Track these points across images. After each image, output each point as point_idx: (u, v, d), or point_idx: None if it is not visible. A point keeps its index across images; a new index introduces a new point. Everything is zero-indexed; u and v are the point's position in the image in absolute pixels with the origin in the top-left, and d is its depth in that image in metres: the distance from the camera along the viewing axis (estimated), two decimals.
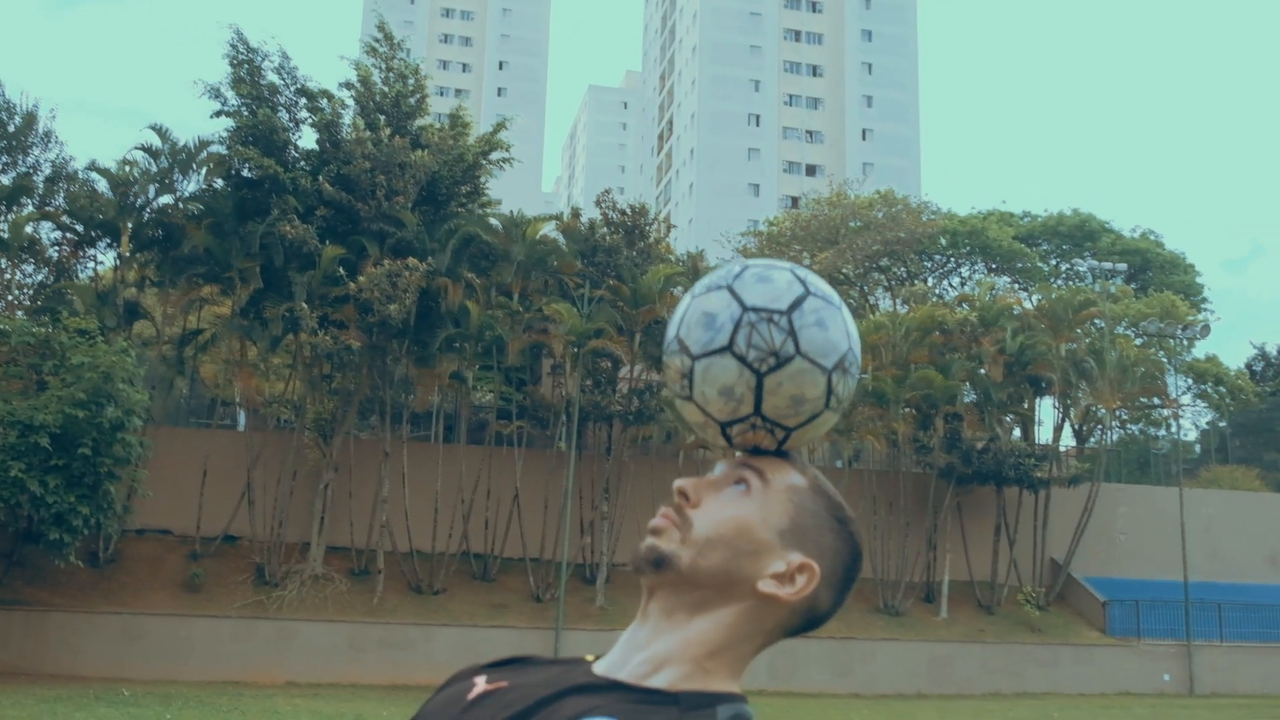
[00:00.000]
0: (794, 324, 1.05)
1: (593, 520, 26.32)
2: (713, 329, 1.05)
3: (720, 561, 1.04)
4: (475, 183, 26.10)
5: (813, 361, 1.05)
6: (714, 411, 1.07)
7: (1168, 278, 46.41)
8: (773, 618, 1.06)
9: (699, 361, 1.06)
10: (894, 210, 43.55)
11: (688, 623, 1.04)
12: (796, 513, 1.07)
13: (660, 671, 1.02)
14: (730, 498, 1.07)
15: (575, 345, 24.66)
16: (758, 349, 1.04)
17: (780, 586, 1.04)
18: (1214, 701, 24.58)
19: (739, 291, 1.06)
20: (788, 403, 1.06)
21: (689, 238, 59.93)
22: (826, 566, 1.07)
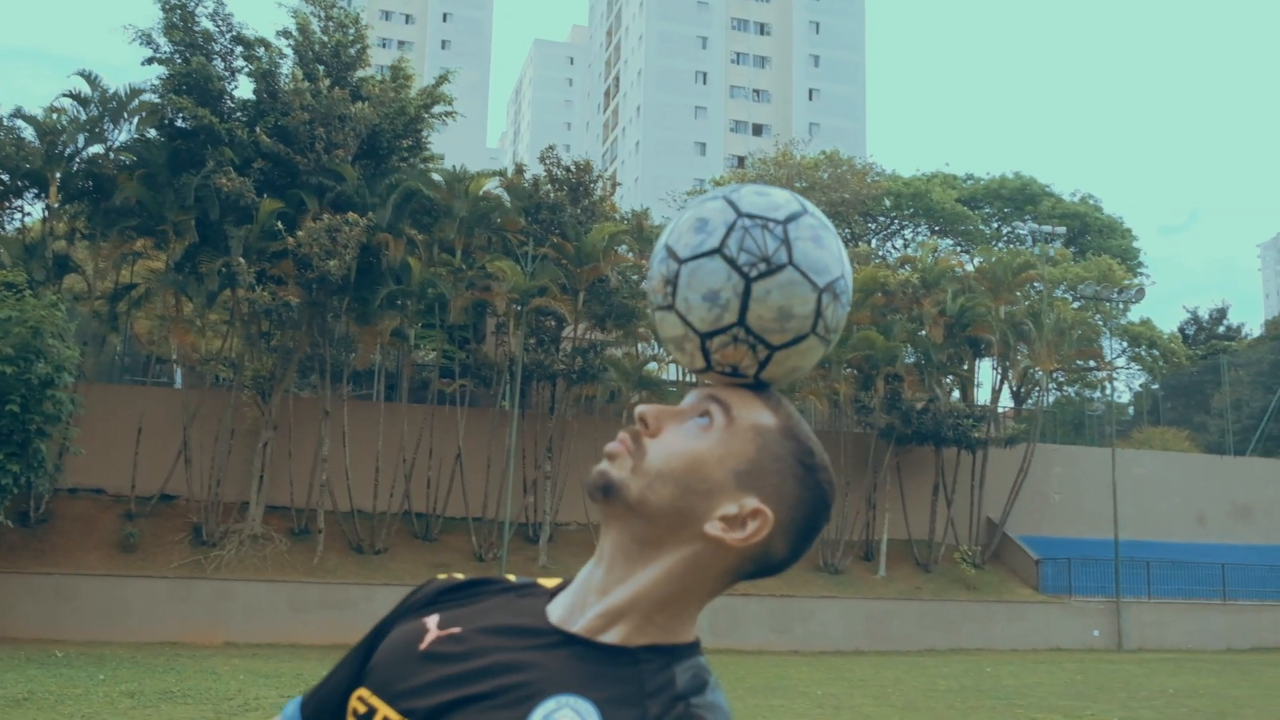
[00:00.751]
0: (789, 234, 1.00)
1: (536, 479, 26.27)
2: (704, 232, 1.00)
3: (669, 497, 0.99)
4: (417, 137, 25.65)
5: (804, 275, 1.00)
6: (695, 320, 1.01)
7: (1105, 242, 47.11)
8: (722, 563, 1.00)
9: (686, 265, 1.00)
10: (839, 171, 43.71)
11: (639, 568, 1.00)
12: (758, 454, 1.00)
13: (614, 626, 0.99)
14: (690, 430, 1.01)
15: (519, 303, 24.46)
16: (749, 253, 0.99)
17: (728, 530, 0.99)
18: (1141, 656, 25.27)
19: (735, 200, 1.01)
20: (774, 315, 0.99)
21: (635, 196, 59.60)
22: (785, 514, 1.00)
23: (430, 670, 0.99)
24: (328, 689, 1.11)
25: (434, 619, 1.05)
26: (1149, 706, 14.33)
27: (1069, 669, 20.67)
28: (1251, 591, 30.19)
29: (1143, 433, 39.15)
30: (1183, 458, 34.63)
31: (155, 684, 13.48)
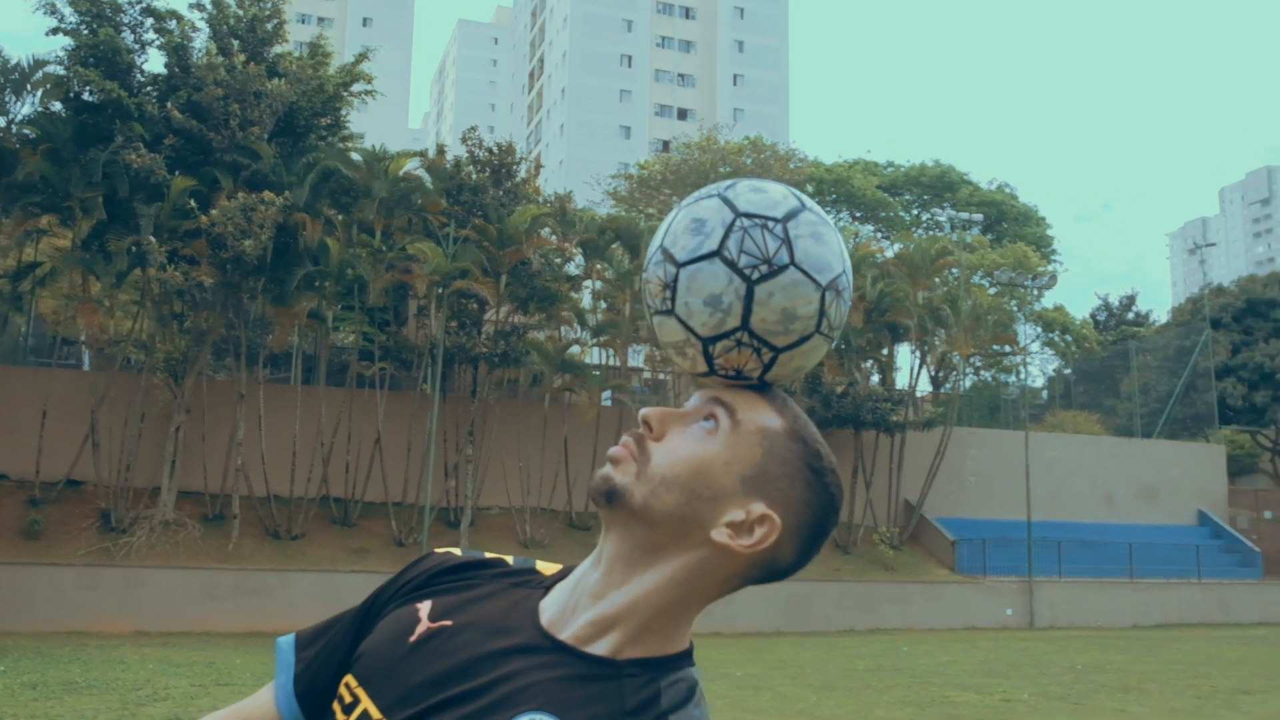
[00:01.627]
0: (789, 232, 0.96)
1: (457, 463, 26.03)
2: (701, 234, 0.96)
3: (674, 503, 0.95)
4: (336, 115, 25.15)
5: (807, 274, 0.96)
6: (697, 326, 0.97)
7: (1021, 229, 48.12)
8: (726, 569, 0.97)
9: (684, 269, 0.96)
10: (763, 157, 43.94)
11: (638, 574, 0.97)
12: (765, 458, 0.97)
13: (605, 636, 0.96)
14: (696, 435, 0.98)
15: (440, 285, 24.15)
16: (749, 255, 0.95)
17: (735, 537, 0.95)
18: (1051, 634, 25.93)
19: (731, 199, 0.97)
20: (778, 317, 0.96)
21: (560, 179, 59.29)
22: (792, 519, 0.97)
23: (416, 667, 0.97)
24: (319, 657, 1.09)
25: (426, 606, 1.03)
26: (1058, 683, 14.68)
27: (983, 647, 21.11)
28: (1157, 569, 31.16)
29: (1055, 416, 40.11)
30: (1093, 440, 35.55)
31: (59, 675, 13.07)
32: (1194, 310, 42.19)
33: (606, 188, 47.30)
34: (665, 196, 45.19)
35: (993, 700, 12.60)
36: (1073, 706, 12.23)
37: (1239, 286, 43.24)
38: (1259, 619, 30.91)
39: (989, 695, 13.04)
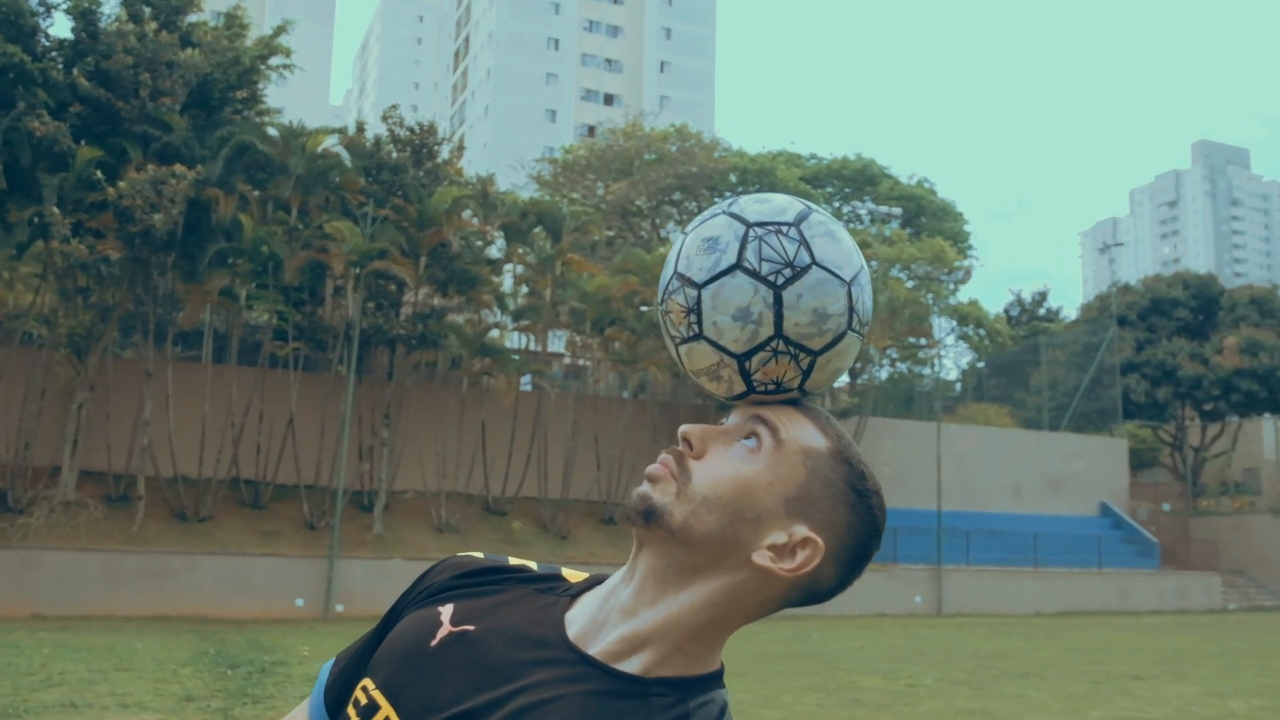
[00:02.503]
0: (804, 234, 0.95)
1: (372, 446, 25.69)
2: (717, 251, 0.94)
3: (716, 525, 0.93)
4: (253, 89, 24.52)
5: (830, 271, 0.95)
6: (729, 343, 0.94)
7: (939, 224, 48.84)
8: (765, 592, 0.95)
9: (706, 288, 0.94)
10: (688, 145, 44.00)
11: (673, 593, 0.94)
12: (809, 479, 0.95)
13: (636, 654, 0.94)
14: (738, 453, 0.95)
15: (357, 265, 23.77)
16: (770, 261, 0.93)
17: (777, 560, 0.93)
18: (958, 621, 26.51)
19: (738, 213, 0.96)
20: (810, 318, 0.94)
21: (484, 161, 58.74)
22: (835, 542, 0.95)
23: (438, 674, 0.95)
24: (348, 667, 1.08)
25: (448, 610, 1.01)
26: (961, 669, 15.00)
27: (891, 633, 21.49)
28: (1060, 559, 32.04)
29: (968, 408, 40.96)
30: (1002, 433, 36.37)
31: None
32: (1102, 308, 43.38)
33: (530, 171, 47.00)
34: (590, 182, 45.08)
35: (898, 685, 12.83)
36: (974, 691, 12.50)
37: (1145, 286, 44.54)
38: (1155, 607, 31.97)
39: (895, 680, 13.28)
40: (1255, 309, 41.08)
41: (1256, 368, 38.17)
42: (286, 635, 17.26)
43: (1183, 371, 39.21)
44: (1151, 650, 18.70)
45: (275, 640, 16.27)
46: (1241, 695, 12.62)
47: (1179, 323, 41.67)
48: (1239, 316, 40.88)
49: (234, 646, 15.13)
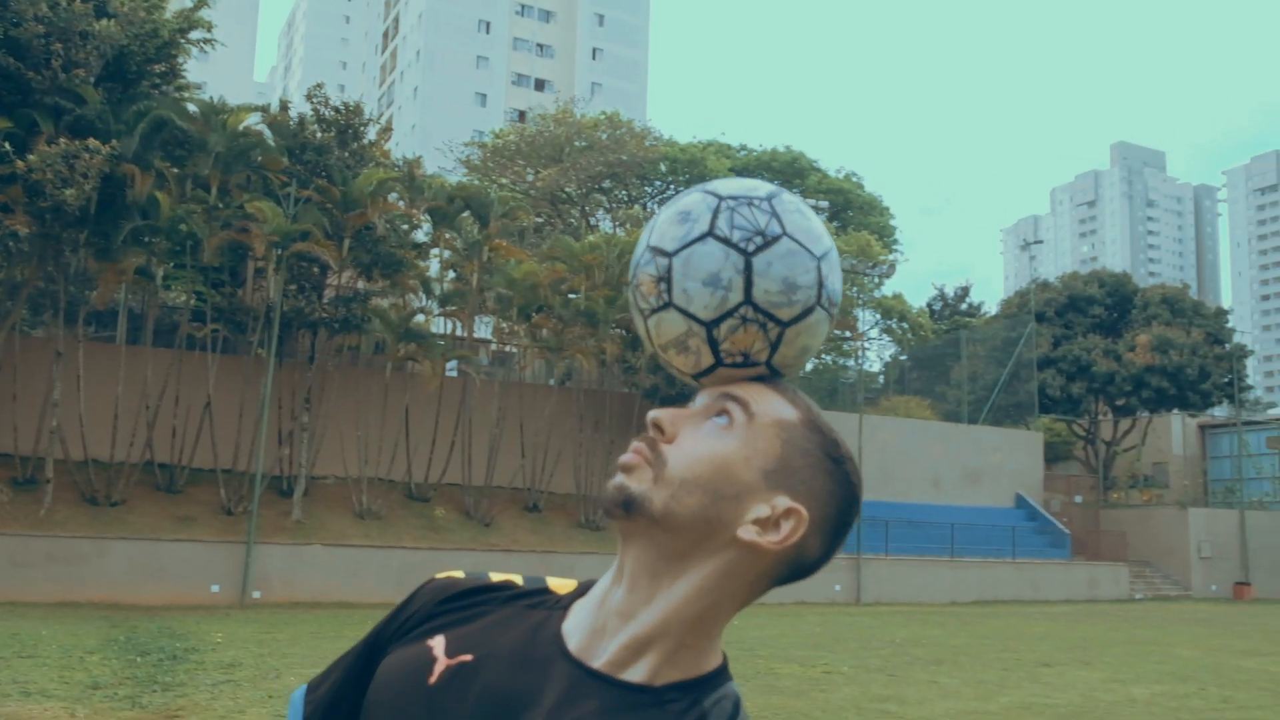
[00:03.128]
0: (775, 208, 0.95)
1: (292, 431, 25.28)
2: (689, 221, 0.95)
3: (698, 505, 0.92)
4: (172, 63, 23.87)
5: (801, 244, 0.95)
6: (699, 310, 0.93)
7: (865, 218, 49.50)
8: (755, 569, 0.94)
9: (677, 256, 0.94)
10: (618, 133, 43.94)
11: (666, 586, 0.93)
12: (785, 450, 0.95)
13: (640, 659, 0.92)
14: (710, 432, 0.95)
15: (279, 247, 23.31)
16: (742, 229, 0.93)
17: (763, 533, 0.92)
18: (876, 609, 26.93)
19: (712, 189, 0.97)
20: (780, 286, 0.94)
21: (412, 144, 58.08)
22: (817, 510, 0.94)
23: (442, 713, 0.93)
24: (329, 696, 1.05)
25: (439, 642, 0.98)
26: (877, 655, 15.24)
27: (810, 621, 21.76)
28: (976, 549, 32.72)
29: (890, 400, 41.56)
30: (923, 425, 36.98)
31: None
32: (1021, 304, 44.29)
33: (459, 155, 46.57)
34: (519, 167, 44.79)
35: (815, 672, 12.99)
36: (889, 678, 12.71)
37: (1062, 283, 45.57)
38: (1065, 596, 32.81)
39: (811, 667, 13.44)
40: (1167, 308, 42.27)
41: (1166, 365, 39.30)
42: (200, 622, 16.94)
43: (1097, 368, 40.21)
44: (1060, 638, 19.19)
45: (188, 627, 15.95)
46: (1143, 682, 13.01)
47: (1094, 320, 42.73)
48: (1151, 315, 42.03)
49: (145, 633, 14.80)
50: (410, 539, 24.73)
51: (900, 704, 10.65)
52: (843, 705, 10.40)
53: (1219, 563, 36.79)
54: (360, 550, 23.48)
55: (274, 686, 10.43)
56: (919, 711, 10.21)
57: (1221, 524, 37.39)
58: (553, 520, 27.89)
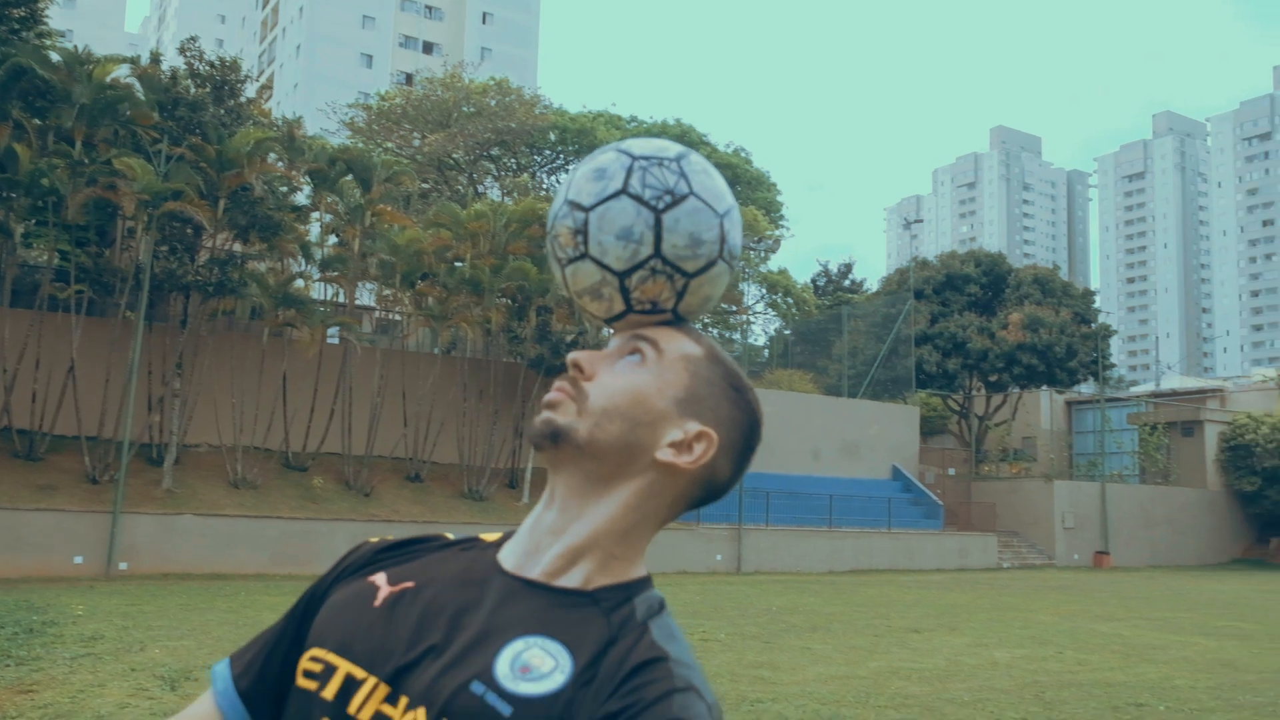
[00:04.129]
0: (684, 168, 1.06)
1: (162, 397, 24.42)
2: (605, 179, 1.05)
3: (618, 432, 1.03)
4: (32, 8, 22.63)
5: (706, 203, 1.06)
6: (612, 261, 1.05)
7: (753, 193, 49.92)
8: (674, 488, 1.06)
9: (594, 211, 1.05)
10: (507, 100, 43.37)
11: (594, 505, 1.04)
12: (692, 381, 1.06)
13: (574, 567, 1.02)
14: (625, 368, 1.06)
15: (149, 206, 22.41)
16: (653, 188, 1.04)
17: (679, 455, 1.04)
18: (755, 578, 27.39)
19: (626, 149, 1.07)
20: (686, 241, 1.05)
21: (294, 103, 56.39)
22: (725, 434, 1.07)
23: (390, 625, 1.01)
24: (260, 655, 1.10)
25: (381, 576, 1.07)
26: (754, 622, 15.50)
27: (691, 590, 22.01)
28: (853, 520, 33.53)
29: (774, 374, 42.19)
30: (804, 398, 37.65)
31: None
32: (901, 281, 45.31)
33: (343, 117, 45.39)
34: (405, 131, 43.90)
35: (693, 639, 13.12)
36: (764, 644, 12.93)
37: (940, 261, 46.76)
38: (937, 565, 33.89)
39: (690, 635, 13.55)
40: (1038, 288, 43.74)
41: (1037, 343, 40.73)
42: (61, 594, 16.29)
43: (971, 344, 41.44)
44: (930, 605, 19.80)
45: (47, 600, 15.33)
46: (1005, 646, 13.51)
47: (970, 298, 43.98)
48: (1023, 294, 43.44)
49: (0, 606, 14.16)
50: (287, 509, 24.19)
51: (773, 670, 10.85)
52: (718, 672, 10.53)
53: (1081, 533, 38.45)
54: (234, 520, 22.86)
55: (137, 660, 10.09)
56: (791, 677, 10.41)
57: (1084, 496, 39.05)
58: (435, 490, 27.60)
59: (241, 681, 1.09)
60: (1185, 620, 17.99)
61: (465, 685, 0.95)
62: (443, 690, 0.95)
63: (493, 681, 0.94)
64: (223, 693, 1.10)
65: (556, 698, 0.93)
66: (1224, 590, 26.72)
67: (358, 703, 0.98)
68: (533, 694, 0.93)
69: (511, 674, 0.95)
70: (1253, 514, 42.82)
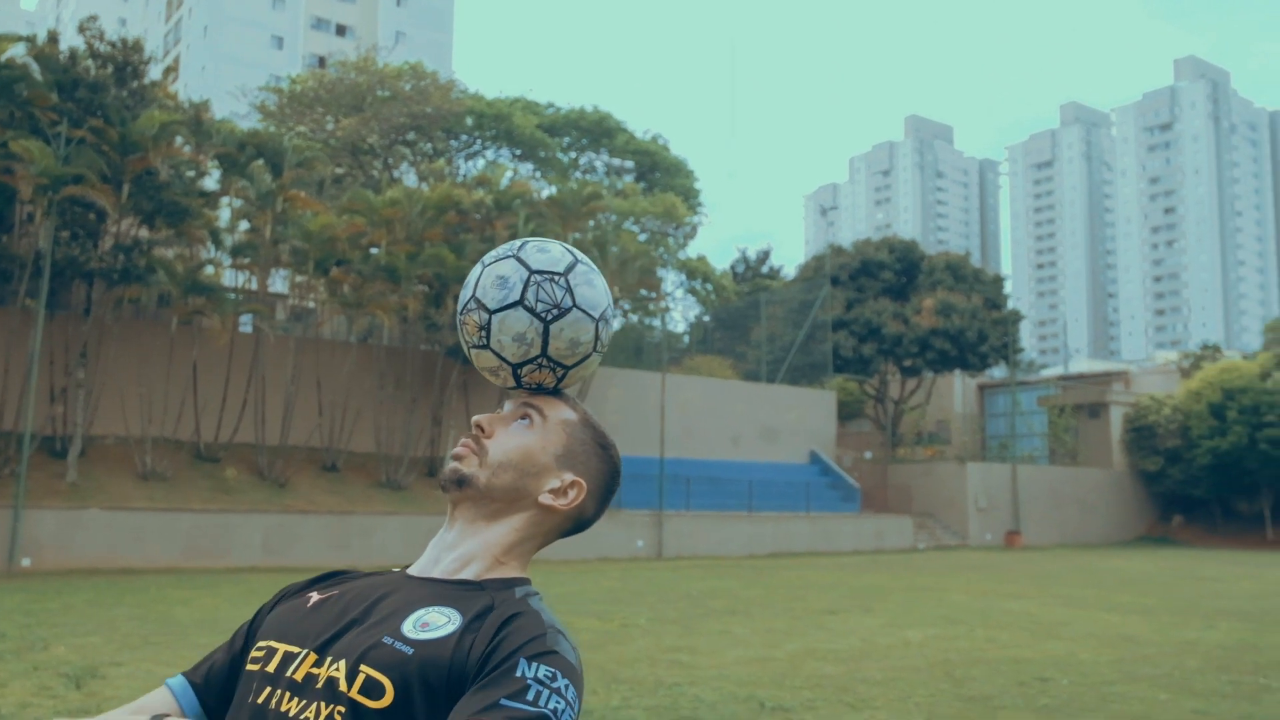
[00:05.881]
0: (570, 283, 1.33)
1: (66, 387, 23.69)
2: (506, 288, 1.32)
3: (510, 480, 1.33)
4: None
5: (585, 312, 1.34)
6: (509, 355, 1.34)
7: (671, 180, 50.03)
8: (550, 522, 1.36)
9: (495, 315, 1.32)
10: (422, 84, 42.83)
11: (486, 528, 1.33)
12: (569, 441, 1.36)
13: (467, 567, 1.31)
14: (517, 430, 1.36)
15: (49, 190, 21.67)
16: (544, 302, 1.32)
17: (557, 499, 1.34)
18: (676, 563, 27.55)
19: (524, 259, 1.33)
20: (567, 345, 1.34)
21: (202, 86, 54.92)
22: (593, 483, 1.38)
23: (319, 614, 1.28)
24: (213, 663, 1.36)
25: (313, 592, 1.35)
26: (674, 608, 15.59)
27: (612, 576, 22.06)
28: (772, 504, 33.87)
29: (694, 360, 42.42)
30: (723, 384, 37.92)
31: None
32: (817, 268, 45.80)
33: (254, 100, 44.38)
34: (318, 115, 43.09)
35: (612, 625, 13.17)
36: (683, 629, 13.01)
37: (855, 248, 47.37)
38: (854, 548, 34.44)
39: (610, 621, 13.62)
40: (950, 274, 44.56)
41: (949, 328, 41.52)
42: None
43: (886, 330, 42.10)
44: (847, 587, 20.12)
45: None
46: (918, 625, 13.78)
47: (884, 284, 44.64)
48: (936, 280, 44.22)
49: None
50: (199, 501, 23.66)
51: (692, 654, 10.92)
52: (637, 657, 10.57)
53: (993, 513, 39.38)
54: (144, 513, 22.29)
55: (40, 658, 9.79)
56: (709, 660, 10.49)
57: (996, 477, 39.98)
58: (352, 480, 27.23)
59: (193, 675, 1.36)
60: (1091, 597, 18.54)
61: (378, 641, 1.20)
62: (359, 646, 1.21)
63: (399, 635, 1.21)
64: (175, 682, 1.36)
65: (447, 640, 1.19)
66: (1128, 567, 27.59)
67: (292, 669, 1.22)
68: (429, 638, 1.20)
69: (414, 629, 1.21)
70: (1156, 493, 44.28)
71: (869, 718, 7.80)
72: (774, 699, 8.43)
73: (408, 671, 1.17)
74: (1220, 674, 10.00)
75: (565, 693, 1.15)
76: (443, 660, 1.17)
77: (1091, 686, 9.28)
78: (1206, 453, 41.02)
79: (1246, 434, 39.90)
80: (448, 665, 1.17)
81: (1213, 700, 8.64)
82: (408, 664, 1.17)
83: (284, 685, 1.21)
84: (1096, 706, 8.37)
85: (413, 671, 1.17)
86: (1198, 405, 41.86)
